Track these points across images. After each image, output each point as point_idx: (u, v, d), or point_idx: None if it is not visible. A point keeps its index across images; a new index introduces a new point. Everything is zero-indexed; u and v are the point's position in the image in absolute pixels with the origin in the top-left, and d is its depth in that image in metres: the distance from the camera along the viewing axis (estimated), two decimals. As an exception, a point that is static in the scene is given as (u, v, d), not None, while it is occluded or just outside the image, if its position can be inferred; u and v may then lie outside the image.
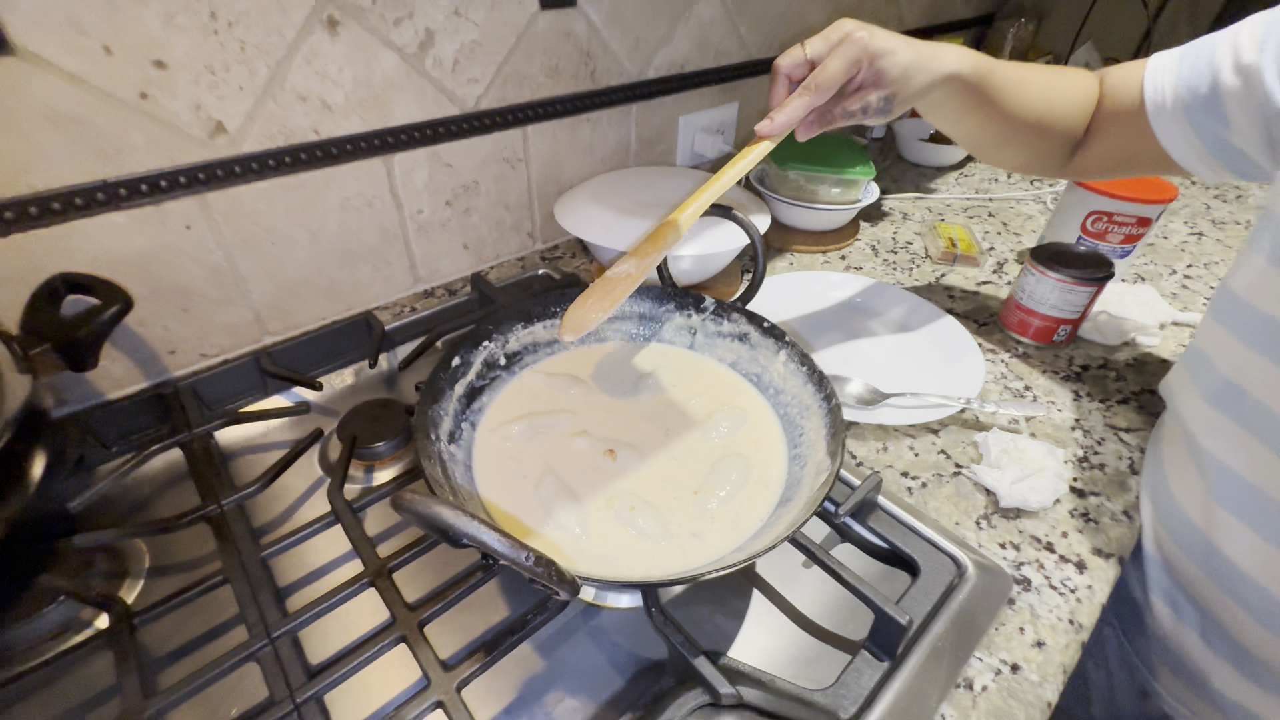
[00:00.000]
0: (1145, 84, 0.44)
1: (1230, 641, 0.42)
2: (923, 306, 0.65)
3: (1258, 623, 0.40)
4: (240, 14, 0.47)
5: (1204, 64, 0.41)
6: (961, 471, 0.49)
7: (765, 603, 0.40)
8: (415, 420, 0.35)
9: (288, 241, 0.57)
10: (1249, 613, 0.40)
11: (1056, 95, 0.48)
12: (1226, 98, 0.40)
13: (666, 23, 0.75)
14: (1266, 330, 0.37)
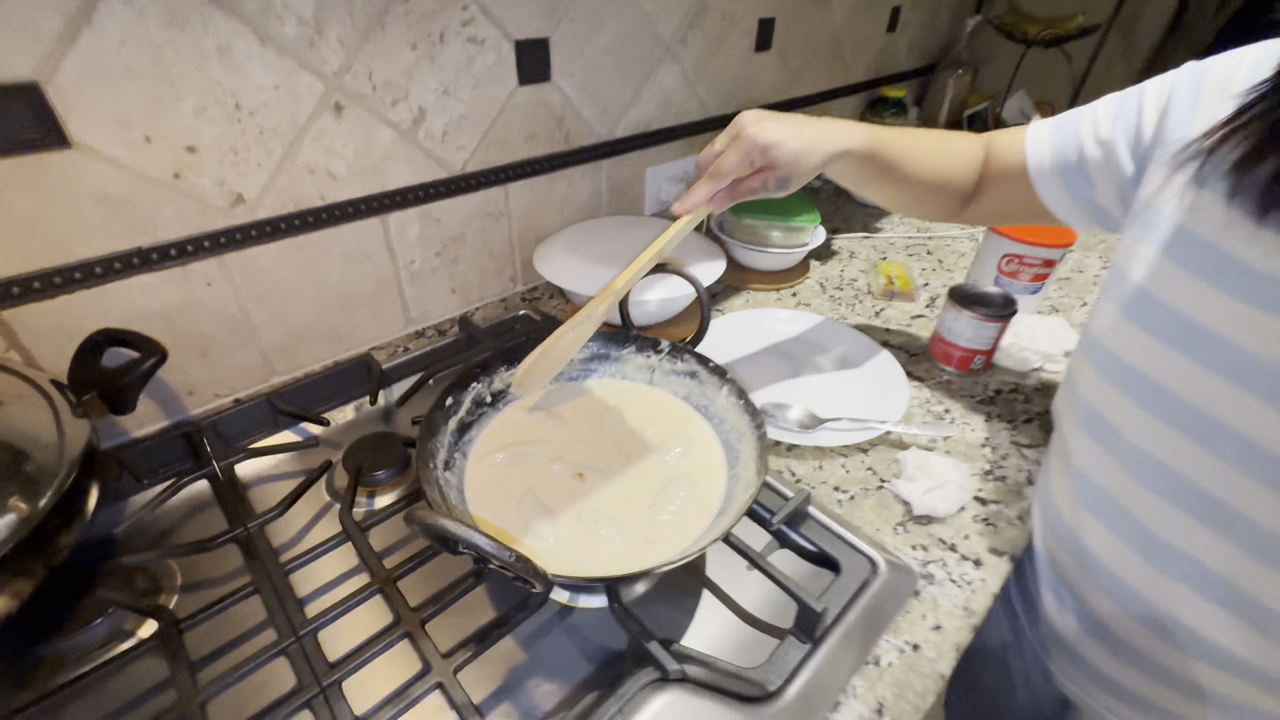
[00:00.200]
0: (1027, 151, 0.54)
1: (1097, 622, 0.50)
2: (860, 340, 0.74)
3: (1113, 603, 0.48)
4: (260, 105, 0.54)
5: (1072, 136, 0.51)
6: (884, 485, 0.57)
7: (713, 600, 0.47)
8: (417, 452, 0.43)
9: (295, 292, 0.64)
10: (1105, 595, 0.48)
11: (945, 159, 0.57)
12: (1090, 165, 0.49)
13: (632, 89, 0.84)
14: (1118, 368, 0.46)
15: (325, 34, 0.55)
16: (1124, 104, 0.48)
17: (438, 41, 0.63)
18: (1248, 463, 0.38)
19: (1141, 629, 0.47)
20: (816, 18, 1.07)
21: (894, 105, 1.30)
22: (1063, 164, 0.51)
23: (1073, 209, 0.52)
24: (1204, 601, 0.42)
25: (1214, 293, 0.39)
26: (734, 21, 0.93)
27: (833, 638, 0.43)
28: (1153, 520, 0.44)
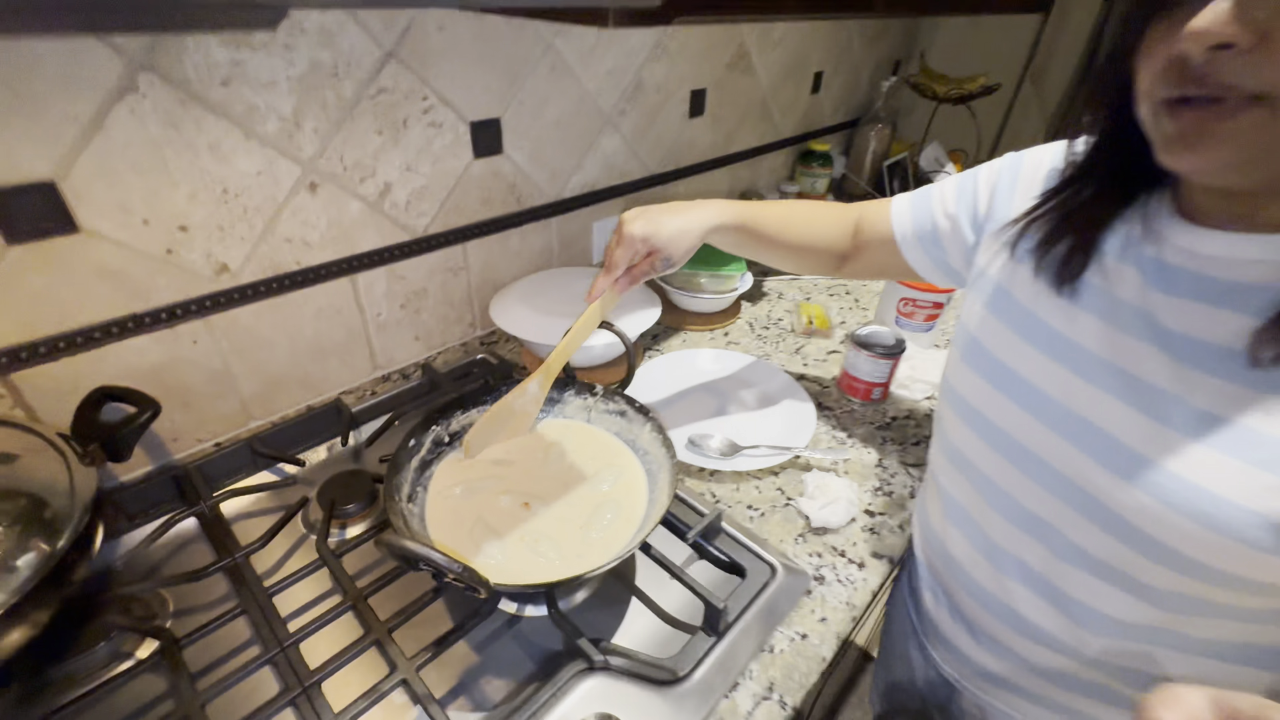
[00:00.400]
0: (892, 222, 0.66)
1: (961, 614, 0.60)
2: (779, 376, 0.85)
3: (971, 598, 0.58)
4: (244, 188, 0.63)
5: (927, 210, 0.63)
6: (790, 503, 0.67)
7: (639, 606, 0.56)
8: (384, 487, 0.51)
9: (272, 346, 0.72)
10: (965, 592, 0.59)
11: (816, 228, 0.69)
12: (942, 234, 0.61)
13: (577, 156, 0.95)
14: (962, 404, 0.57)
15: (303, 126, 0.65)
16: (964, 184, 0.60)
17: (401, 127, 0.72)
18: (1053, 485, 0.47)
19: (992, 619, 0.57)
20: (744, 85, 1.21)
21: (821, 157, 1.45)
22: (920, 232, 0.63)
23: (931, 269, 0.64)
24: (1031, 594, 0.52)
25: (1025, 346, 0.50)
26: (668, 93, 1.05)
27: (734, 631, 0.52)
28: (993, 531, 0.54)
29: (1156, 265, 0.42)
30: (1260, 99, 0.30)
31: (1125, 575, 0.44)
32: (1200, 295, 0.40)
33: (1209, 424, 0.39)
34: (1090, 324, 0.45)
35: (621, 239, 0.59)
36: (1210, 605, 0.42)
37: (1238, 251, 0.38)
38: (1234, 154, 0.33)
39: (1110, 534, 0.44)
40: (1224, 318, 0.38)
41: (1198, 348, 0.39)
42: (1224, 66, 0.31)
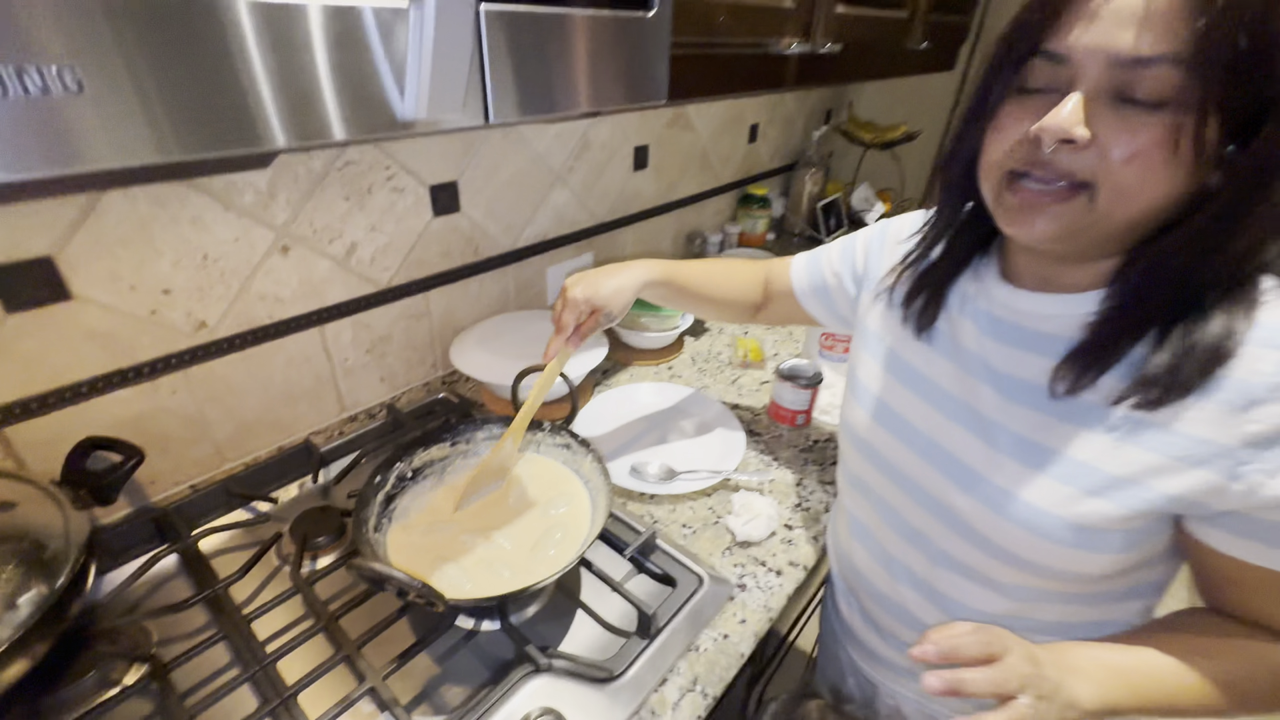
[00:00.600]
0: (792, 279, 0.77)
1: (869, 617, 0.69)
2: (715, 406, 0.94)
3: (874, 602, 0.67)
4: (223, 254, 0.70)
5: (818, 268, 0.74)
6: (719, 520, 0.76)
7: (584, 616, 0.63)
8: (352, 520, 0.58)
9: (245, 393, 0.78)
10: (869, 597, 0.67)
11: (732, 283, 0.79)
12: (830, 289, 0.72)
13: (530, 210, 1.05)
14: (853, 435, 0.66)
15: (276, 197, 0.72)
16: (846, 247, 0.71)
17: (366, 193, 0.81)
18: (925, 503, 0.57)
19: (892, 619, 0.66)
20: (685, 139, 1.33)
21: (760, 200, 1.58)
22: (814, 287, 0.74)
23: (827, 317, 0.75)
24: (917, 595, 0.61)
25: (897, 384, 0.60)
26: (613, 150, 1.16)
27: (664, 634, 0.60)
28: (887, 544, 0.63)
29: (988, 317, 0.53)
30: (1085, 186, 0.39)
31: (981, 575, 0.54)
32: (1018, 342, 0.50)
33: (1025, 447, 0.49)
34: (943, 365, 0.56)
35: (567, 303, 0.68)
36: (1045, 593, 0.52)
37: (1042, 308, 0.49)
38: (1059, 229, 0.42)
39: (967, 541, 0.54)
40: (1033, 360, 0.49)
41: (1016, 384, 0.50)
42: (1065, 157, 0.39)
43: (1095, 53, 0.37)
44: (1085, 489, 0.45)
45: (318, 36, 0.28)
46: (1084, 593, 0.51)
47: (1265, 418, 0.39)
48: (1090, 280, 0.46)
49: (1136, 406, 0.43)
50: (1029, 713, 0.39)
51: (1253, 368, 0.39)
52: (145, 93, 0.25)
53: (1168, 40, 0.35)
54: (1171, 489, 0.42)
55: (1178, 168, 0.37)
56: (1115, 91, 0.37)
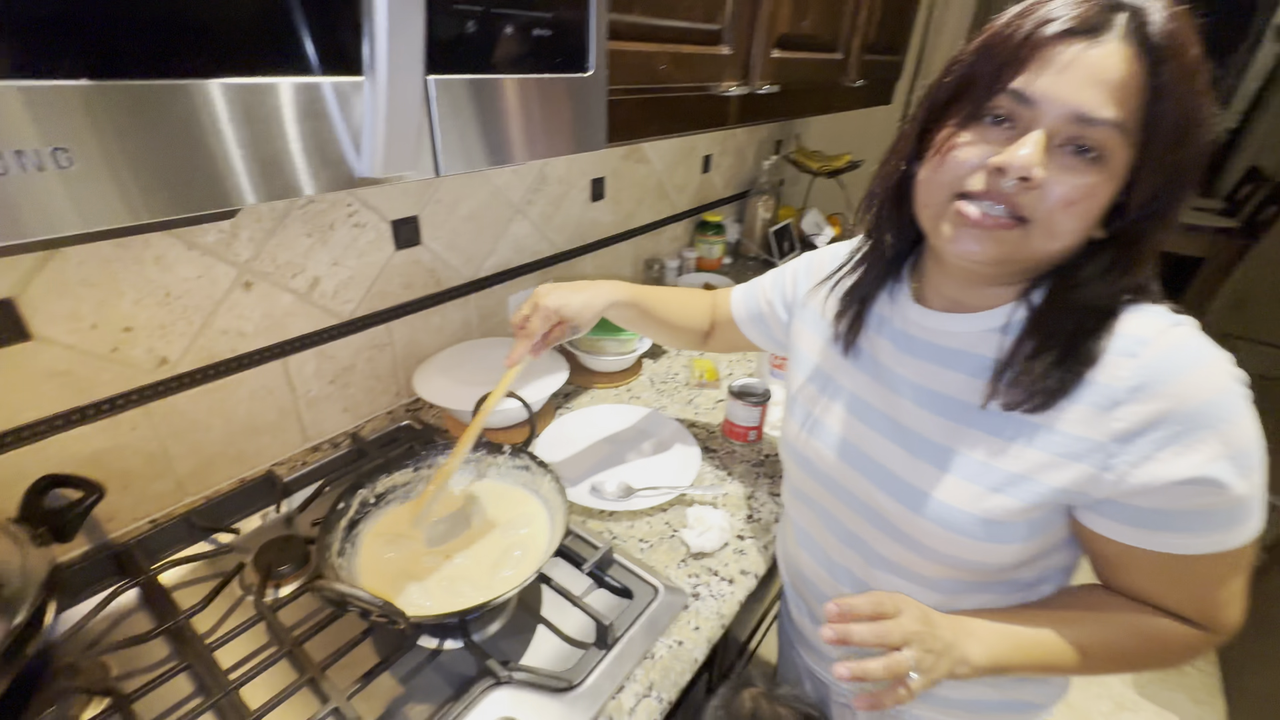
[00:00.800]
0: (732, 308, 0.83)
1: (817, 620, 0.74)
2: (671, 425, 0.99)
3: (819, 604, 0.72)
4: (185, 290, 0.72)
5: (754, 298, 0.80)
6: (675, 534, 0.80)
7: (546, 631, 0.66)
8: (317, 545, 0.60)
9: (207, 427, 0.79)
10: (815, 600, 0.72)
11: (686, 310, 0.85)
12: (766, 316, 0.78)
13: (491, 241, 1.09)
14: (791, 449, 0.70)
15: (239, 236, 0.75)
16: (779, 277, 0.78)
17: (328, 229, 0.84)
18: (858, 509, 0.62)
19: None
20: (640, 171, 1.39)
21: (715, 227, 1.65)
22: (752, 315, 0.80)
23: (766, 342, 0.81)
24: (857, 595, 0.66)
25: (827, 401, 0.65)
26: (571, 183, 1.21)
27: (621, 643, 0.63)
28: (829, 549, 0.67)
29: (904, 337, 0.59)
30: (1023, 220, 0.45)
31: (912, 572, 0.59)
32: (930, 358, 0.56)
33: (938, 452, 0.55)
34: (866, 382, 0.62)
35: (537, 309, 0.72)
36: (967, 585, 0.58)
37: (949, 326, 0.55)
38: (997, 253, 0.46)
39: (896, 541, 0.59)
40: (944, 373, 0.55)
41: (930, 396, 0.56)
42: (1018, 193, 0.43)
43: (1059, 103, 0.42)
44: (989, 486, 0.51)
45: (286, 110, 0.32)
46: (1000, 581, 0.57)
47: (1127, 416, 0.45)
48: (989, 303, 0.53)
49: (1027, 411, 0.49)
50: (910, 663, 0.45)
51: (1114, 374, 0.46)
52: (123, 168, 0.29)
53: (1120, 108, 0.41)
54: (1058, 482, 0.48)
55: (1093, 218, 0.44)
56: (1066, 140, 0.42)
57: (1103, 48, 0.41)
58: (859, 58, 1.27)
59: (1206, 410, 0.44)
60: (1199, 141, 0.42)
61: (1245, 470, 0.44)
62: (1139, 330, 0.46)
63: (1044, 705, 0.66)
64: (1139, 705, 1.57)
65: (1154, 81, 0.40)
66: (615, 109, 0.71)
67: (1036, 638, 0.51)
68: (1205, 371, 0.44)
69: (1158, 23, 0.40)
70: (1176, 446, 0.44)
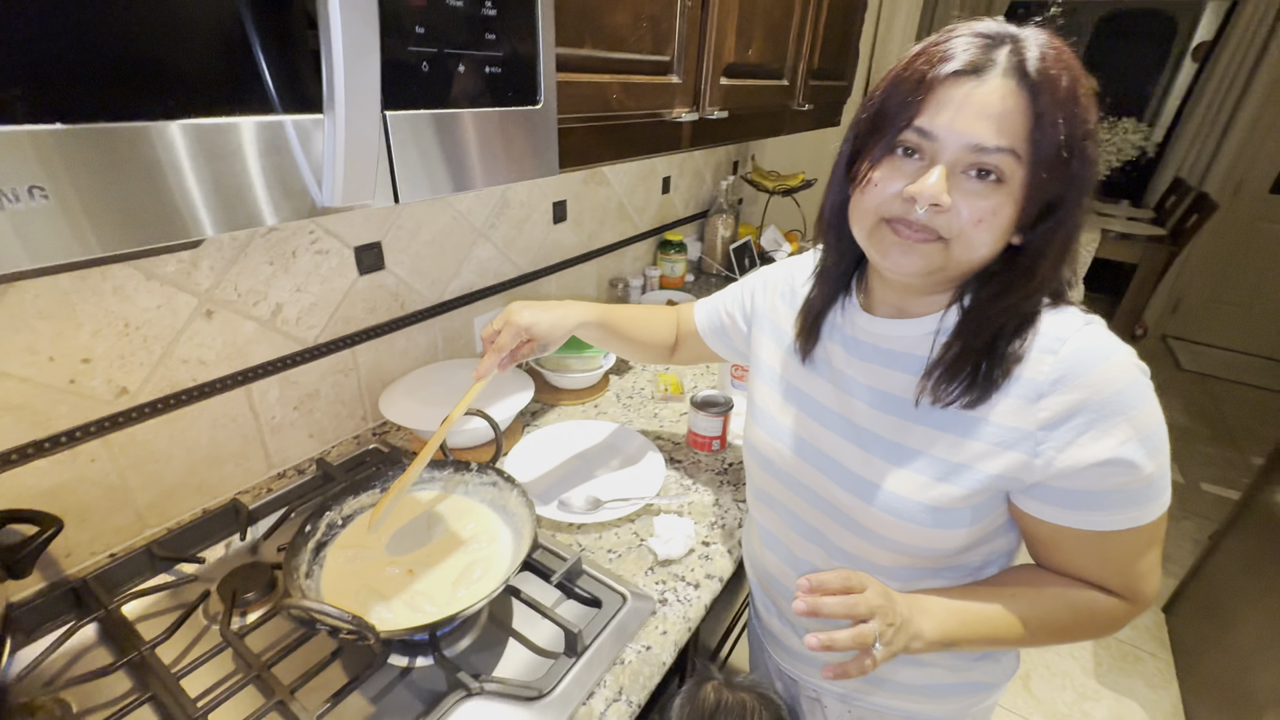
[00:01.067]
0: (696, 321, 0.86)
1: (784, 617, 0.76)
2: (637, 439, 1.01)
3: (786, 601, 0.74)
4: (145, 320, 0.72)
5: (715, 312, 0.84)
6: (643, 543, 0.82)
7: (516, 643, 0.67)
8: (283, 567, 0.60)
9: (168, 458, 0.78)
10: (782, 597, 0.74)
11: (652, 327, 0.88)
12: (727, 328, 0.82)
13: (454, 265, 1.11)
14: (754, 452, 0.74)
15: (200, 265, 0.75)
16: (737, 290, 0.82)
17: (290, 256, 0.85)
18: (818, 504, 0.65)
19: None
20: (601, 193, 1.44)
21: (677, 246, 1.70)
22: (714, 328, 0.84)
23: (728, 353, 0.85)
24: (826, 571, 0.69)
25: (787, 405, 0.69)
26: (533, 206, 1.24)
27: (590, 651, 0.65)
28: (792, 546, 0.70)
29: (853, 341, 0.63)
30: (943, 239, 0.50)
31: (869, 563, 0.63)
32: (878, 360, 0.61)
33: (889, 448, 0.59)
34: (822, 386, 0.66)
35: (509, 325, 0.74)
36: (920, 571, 0.61)
37: (893, 330, 0.60)
38: (921, 266, 0.52)
39: (853, 534, 0.62)
40: (891, 374, 0.60)
41: (880, 396, 0.60)
42: (931, 218, 0.49)
43: (956, 136, 0.48)
44: (935, 476, 0.56)
45: (248, 147, 0.35)
46: (950, 566, 0.61)
47: (1050, 406, 0.50)
48: (928, 309, 0.58)
49: (964, 406, 0.53)
50: (873, 634, 0.48)
51: (1037, 369, 0.51)
52: (90, 205, 0.31)
53: (1008, 136, 0.46)
54: (994, 469, 0.53)
55: (1003, 230, 0.50)
56: (967, 167, 0.48)
57: (988, 85, 0.47)
58: (805, 83, 1.34)
59: (1117, 399, 0.49)
60: (1084, 154, 0.47)
61: (1153, 451, 0.50)
62: (1057, 330, 0.52)
63: (996, 684, 0.70)
64: (1099, 693, 1.64)
65: (1034, 109, 0.46)
66: (570, 136, 0.75)
67: (983, 613, 0.55)
68: (1114, 364, 0.50)
69: (1033, 59, 0.46)
70: (1094, 432, 0.49)
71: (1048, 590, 0.57)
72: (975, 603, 0.56)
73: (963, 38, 0.49)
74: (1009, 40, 0.48)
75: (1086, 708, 1.60)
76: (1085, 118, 0.47)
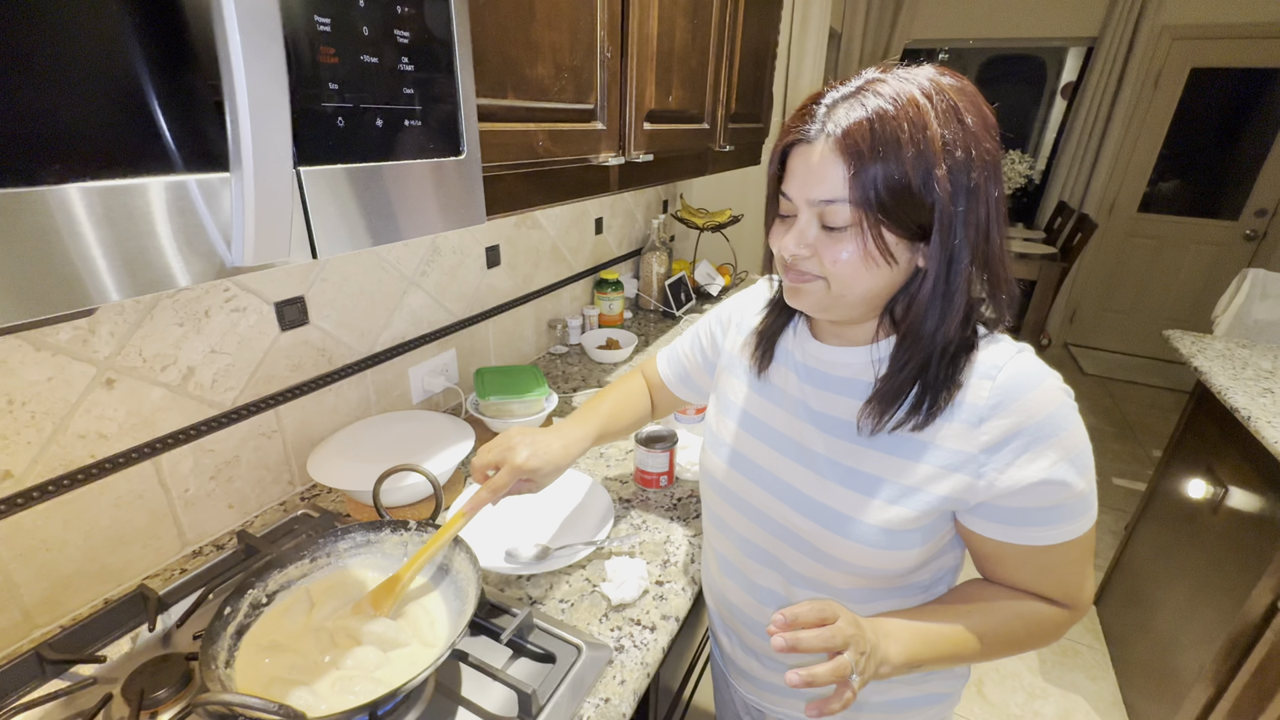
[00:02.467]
0: (660, 374, 0.88)
1: (747, 646, 0.75)
2: (584, 480, 1.00)
3: (748, 630, 0.74)
4: (32, 395, 0.66)
5: (678, 360, 0.86)
6: (595, 589, 0.80)
7: (466, 713, 0.63)
8: (200, 658, 0.55)
9: (62, 545, 0.71)
10: (744, 626, 0.74)
11: (630, 403, 0.89)
12: (692, 373, 0.84)
13: (385, 315, 1.08)
14: (712, 480, 0.74)
15: (98, 331, 0.70)
16: (694, 335, 0.84)
17: (203, 316, 0.80)
18: (775, 530, 0.66)
19: (766, 643, 0.73)
20: (533, 236, 1.44)
21: (613, 284, 1.72)
22: (680, 377, 0.87)
23: (696, 398, 0.88)
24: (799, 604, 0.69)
25: (745, 434, 0.70)
26: (465, 252, 1.23)
27: (545, 711, 0.62)
28: (751, 573, 0.70)
29: (805, 368, 0.66)
30: (822, 278, 0.55)
31: (827, 586, 0.64)
32: (826, 386, 0.63)
33: (843, 472, 0.61)
34: (777, 413, 0.67)
35: (508, 466, 0.72)
36: (874, 592, 0.63)
37: (839, 358, 0.62)
38: (813, 304, 0.58)
39: (810, 558, 0.63)
40: (840, 400, 0.62)
41: (831, 421, 0.62)
42: (800, 263, 0.56)
43: (802, 195, 0.54)
44: (887, 499, 0.58)
45: (149, 208, 0.33)
46: (902, 586, 0.63)
47: (990, 430, 0.54)
48: (864, 336, 0.61)
49: (911, 430, 0.56)
50: (850, 665, 0.48)
51: (977, 394, 0.55)
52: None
53: (838, 190, 0.52)
54: (942, 491, 0.56)
55: (874, 263, 0.53)
56: (820, 219, 0.54)
57: (816, 148, 0.52)
58: (725, 126, 1.42)
59: (1048, 423, 0.53)
60: (918, 183, 0.50)
61: (1082, 469, 0.54)
62: (994, 358, 0.56)
63: (951, 693, 0.72)
64: (1046, 691, 1.70)
65: (852, 161, 0.50)
66: (498, 183, 0.75)
67: (942, 633, 0.57)
68: (1044, 389, 0.54)
69: (842, 122, 0.51)
70: (1029, 454, 0.53)
71: (998, 605, 0.60)
72: (934, 623, 0.58)
73: (810, 108, 0.54)
74: (831, 104, 0.52)
75: (1036, 706, 1.65)
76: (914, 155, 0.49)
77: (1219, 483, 1.36)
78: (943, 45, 3.99)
